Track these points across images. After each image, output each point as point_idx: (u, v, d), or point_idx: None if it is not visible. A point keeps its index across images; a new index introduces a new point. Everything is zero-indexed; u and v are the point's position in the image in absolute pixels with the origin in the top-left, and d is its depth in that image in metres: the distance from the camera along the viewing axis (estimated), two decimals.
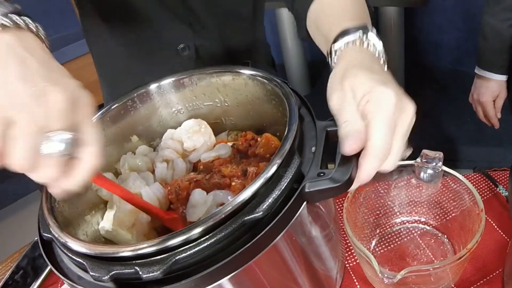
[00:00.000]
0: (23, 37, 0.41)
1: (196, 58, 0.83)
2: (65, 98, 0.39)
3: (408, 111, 0.47)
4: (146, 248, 0.41)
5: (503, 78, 1.22)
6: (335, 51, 0.55)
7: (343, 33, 0.55)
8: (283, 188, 0.45)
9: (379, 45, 0.55)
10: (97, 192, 0.61)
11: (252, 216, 0.42)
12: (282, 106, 0.55)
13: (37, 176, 0.40)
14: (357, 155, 0.46)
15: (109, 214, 0.59)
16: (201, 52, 0.83)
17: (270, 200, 0.43)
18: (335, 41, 0.56)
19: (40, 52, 0.41)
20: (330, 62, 0.57)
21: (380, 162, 0.45)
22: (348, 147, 0.45)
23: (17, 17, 0.41)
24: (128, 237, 0.56)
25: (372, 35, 0.55)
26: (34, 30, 0.43)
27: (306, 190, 0.45)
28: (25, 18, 0.42)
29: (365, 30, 0.55)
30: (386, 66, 0.55)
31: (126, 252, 0.42)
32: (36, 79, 0.39)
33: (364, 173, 0.45)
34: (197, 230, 0.41)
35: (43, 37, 0.44)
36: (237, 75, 0.62)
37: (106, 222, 0.59)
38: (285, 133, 0.49)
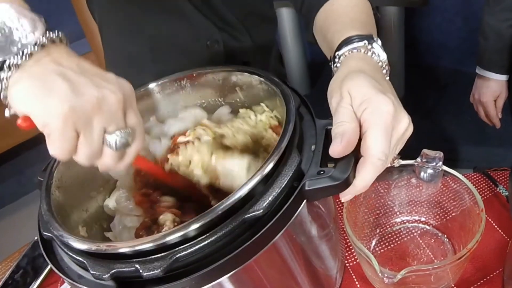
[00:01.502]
0: (58, 50, 0.43)
1: (224, 53, 0.83)
2: (120, 97, 0.44)
3: (403, 123, 0.47)
4: (146, 244, 0.41)
5: (503, 78, 1.22)
6: (338, 57, 0.56)
7: (348, 41, 0.56)
8: (283, 186, 0.45)
9: (383, 55, 0.55)
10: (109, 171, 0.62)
11: (252, 214, 0.42)
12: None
13: (97, 164, 0.46)
14: (356, 155, 0.46)
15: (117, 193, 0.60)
16: (229, 47, 0.83)
17: (270, 198, 0.44)
18: (339, 48, 0.56)
19: (75, 60, 0.44)
20: (332, 68, 0.57)
21: (378, 170, 0.45)
22: (335, 147, 0.45)
23: (51, 34, 0.43)
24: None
25: (377, 46, 0.55)
26: (63, 40, 0.45)
27: (306, 188, 0.45)
28: (54, 32, 0.44)
29: (370, 40, 0.55)
30: (388, 76, 0.55)
31: (125, 248, 0.42)
32: (89, 88, 0.42)
33: (362, 181, 0.46)
34: (196, 227, 0.41)
35: (66, 40, 0.46)
36: (242, 74, 0.63)
37: (111, 200, 0.60)
38: (282, 130, 0.49)
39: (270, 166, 0.45)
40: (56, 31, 0.44)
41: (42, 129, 0.41)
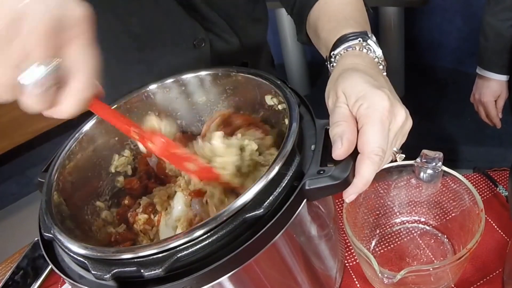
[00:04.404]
0: None
1: (211, 52, 0.83)
2: (46, 21, 0.34)
3: (400, 117, 0.47)
4: (147, 250, 0.41)
5: (504, 78, 1.23)
6: (334, 56, 0.56)
7: (343, 39, 0.56)
8: (283, 185, 0.45)
9: (378, 51, 0.55)
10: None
11: (253, 213, 0.42)
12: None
13: (24, 106, 0.36)
14: (355, 153, 0.46)
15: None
16: (215, 46, 0.83)
17: (270, 198, 0.44)
18: (334, 47, 0.56)
19: None
20: (329, 68, 0.57)
21: (377, 166, 0.45)
22: (337, 151, 0.45)
23: None
24: None
25: (372, 42, 0.55)
26: None
27: (306, 187, 0.45)
28: None
29: (364, 37, 0.55)
30: (385, 71, 0.55)
31: (127, 254, 0.42)
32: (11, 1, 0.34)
33: (361, 178, 0.45)
34: (200, 229, 0.41)
35: None
36: (238, 75, 0.63)
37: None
38: (286, 133, 0.49)
39: (276, 169, 0.45)
40: None
41: None
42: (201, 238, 0.41)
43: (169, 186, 0.64)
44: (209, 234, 0.41)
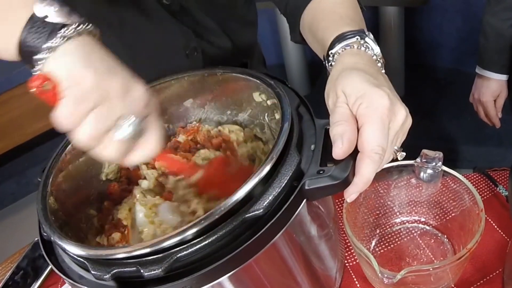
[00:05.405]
0: (88, 40, 0.43)
1: (203, 59, 0.83)
2: (145, 94, 0.44)
3: (400, 115, 0.47)
4: (145, 249, 0.41)
5: (503, 77, 1.22)
6: (332, 55, 0.55)
7: (340, 38, 0.55)
8: (283, 185, 0.45)
9: (376, 48, 0.55)
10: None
11: (253, 213, 0.43)
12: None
13: (95, 151, 0.43)
14: (355, 153, 0.46)
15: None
16: (208, 54, 0.83)
17: (270, 198, 0.44)
18: (332, 46, 0.56)
19: (104, 51, 0.44)
20: (327, 67, 0.57)
21: (377, 164, 0.45)
22: (337, 151, 0.45)
23: (78, 26, 0.42)
24: None
25: (369, 40, 0.55)
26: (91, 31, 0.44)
27: (306, 187, 0.45)
28: (82, 24, 0.43)
29: (362, 35, 0.55)
30: (383, 69, 0.55)
31: (124, 253, 0.42)
32: (122, 74, 0.43)
33: (362, 177, 0.45)
34: (197, 228, 0.41)
35: (95, 32, 0.45)
36: (224, 75, 0.63)
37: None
38: (279, 132, 0.49)
39: (267, 168, 0.45)
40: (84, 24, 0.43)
41: (63, 85, 0.39)
42: (200, 238, 0.41)
43: (128, 198, 0.63)
44: (208, 234, 0.42)
